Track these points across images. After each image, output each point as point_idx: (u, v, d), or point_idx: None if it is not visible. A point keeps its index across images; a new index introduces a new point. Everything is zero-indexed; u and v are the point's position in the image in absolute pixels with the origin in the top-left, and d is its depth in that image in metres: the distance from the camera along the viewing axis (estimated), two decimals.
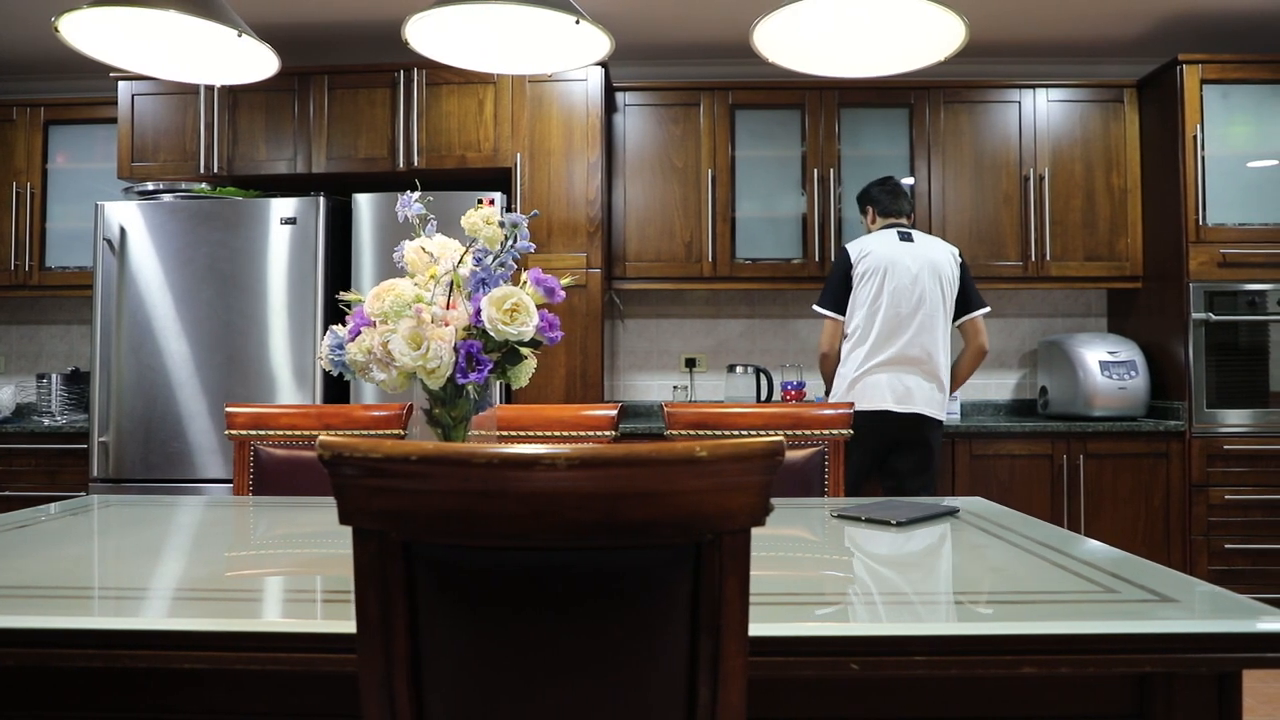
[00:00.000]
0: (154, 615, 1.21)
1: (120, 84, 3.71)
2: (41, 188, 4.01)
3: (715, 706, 0.97)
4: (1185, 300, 3.52)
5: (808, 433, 2.21)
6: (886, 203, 3.23)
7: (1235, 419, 3.52)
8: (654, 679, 0.99)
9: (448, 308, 1.58)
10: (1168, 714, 1.14)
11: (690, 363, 4.13)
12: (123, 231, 3.52)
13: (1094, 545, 1.56)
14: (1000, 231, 3.83)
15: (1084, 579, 1.31)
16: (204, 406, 3.48)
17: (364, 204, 3.50)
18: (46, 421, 3.88)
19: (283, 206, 3.48)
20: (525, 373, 1.64)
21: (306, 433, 2.36)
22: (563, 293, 1.64)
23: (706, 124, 3.81)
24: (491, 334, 1.49)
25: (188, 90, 3.69)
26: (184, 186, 3.68)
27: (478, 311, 1.50)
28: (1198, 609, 1.16)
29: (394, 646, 0.98)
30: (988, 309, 3.20)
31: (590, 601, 0.98)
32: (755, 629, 1.08)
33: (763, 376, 3.89)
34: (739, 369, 3.87)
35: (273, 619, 1.24)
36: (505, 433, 2.17)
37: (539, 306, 1.59)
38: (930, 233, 3.82)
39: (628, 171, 3.84)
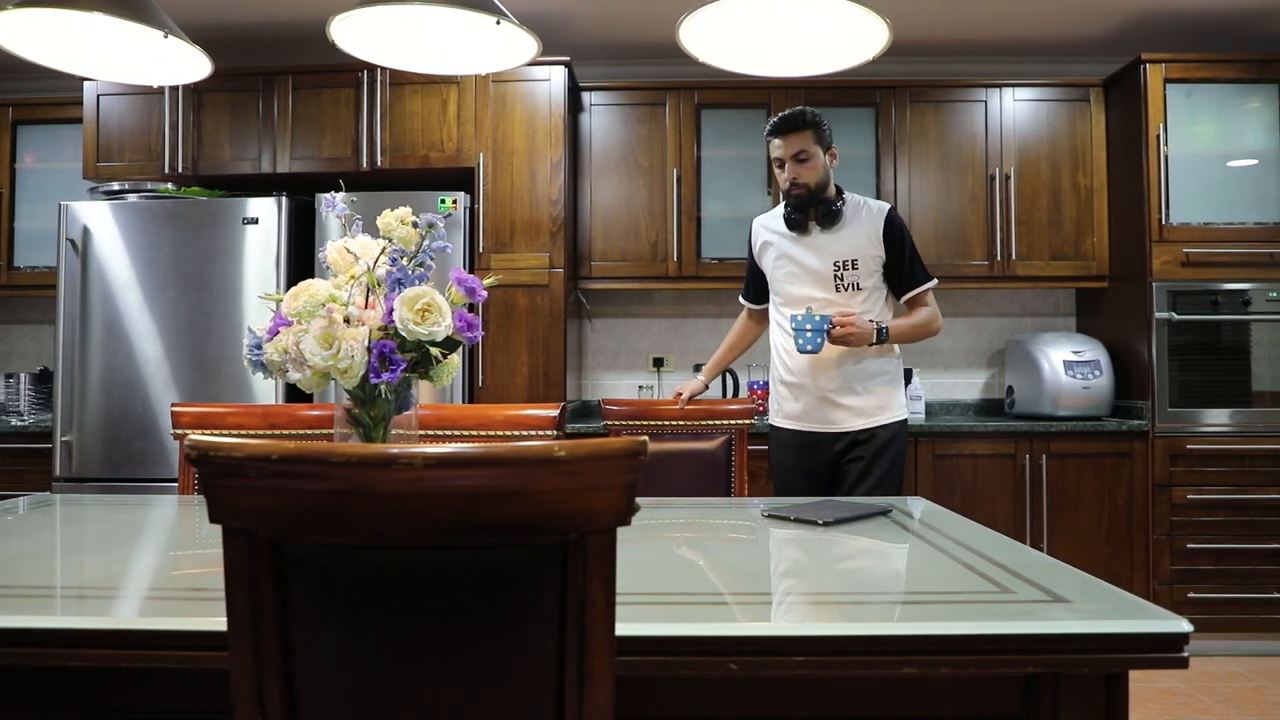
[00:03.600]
0: (94, 615, 1.20)
1: (85, 84, 3.71)
2: (10, 187, 4.01)
3: (582, 707, 0.97)
4: (1149, 300, 3.52)
5: (719, 423, 2.57)
6: None
7: (1198, 419, 3.51)
8: (523, 679, 0.99)
9: (366, 308, 1.58)
10: (1054, 714, 1.14)
11: (658, 362, 4.13)
12: (86, 231, 3.52)
13: (1011, 545, 1.56)
14: (966, 231, 3.83)
15: (986, 579, 1.31)
16: (168, 406, 3.47)
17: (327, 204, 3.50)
18: (14, 421, 3.88)
19: (245, 206, 3.48)
20: (446, 373, 1.64)
21: (253, 433, 2.36)
22: (484, 293, 1.63)
23: (672, 123, 3.81)
24: (403, 334, 1.48)
25: (153, 91, 3.69)
26: (149, 187, 3.68)
27: (390, 311, 1.49)
28: (1087, 609, 1.16)
29: (264, 645, 0.98)
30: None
31: (458, 601, 0.98)
32: (633, 628, 1.08)
33: (729, 376, 3.89)
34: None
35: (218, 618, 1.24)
36: (443, 432, 2.17)
37: (456, 306, 1.59)
38: None
39: (594, 171, 3.84)
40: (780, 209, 2.67)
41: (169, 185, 3.69)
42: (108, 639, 1.12)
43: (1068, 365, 3.62)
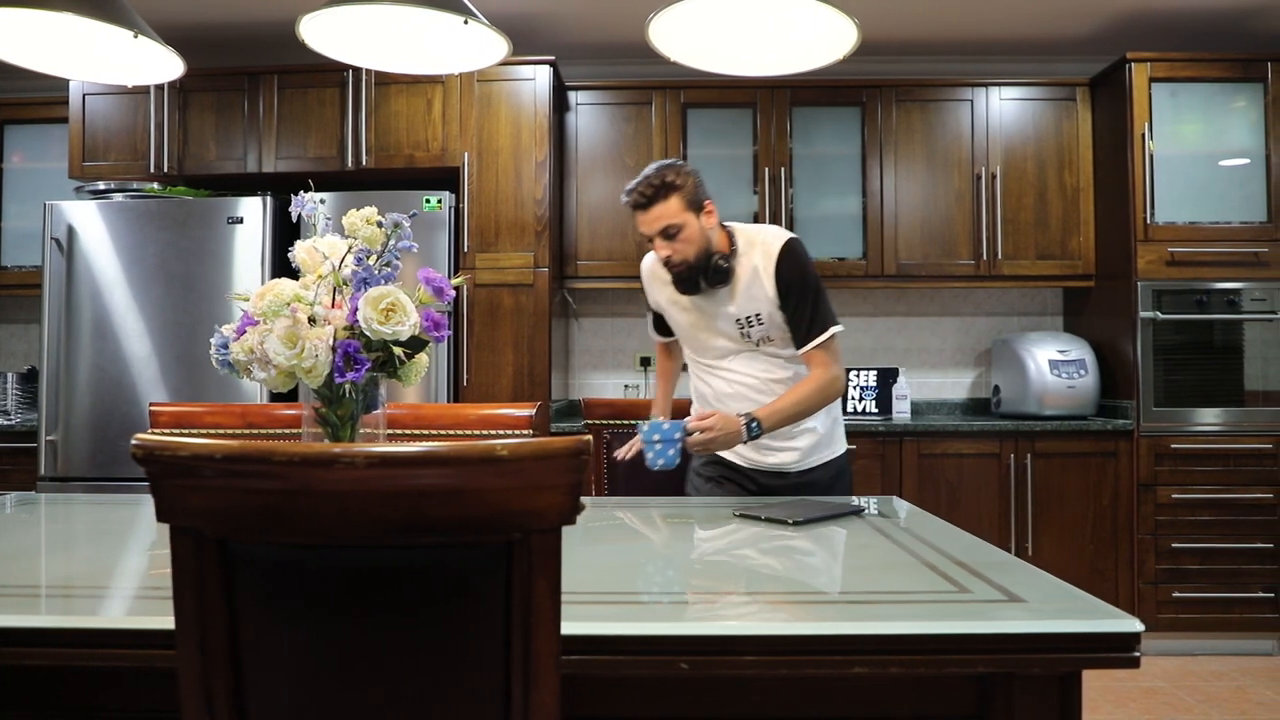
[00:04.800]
0: (80, 614, 1.20)
1: (71, 84, 3.71)
2: None
3: (528, 706, 0.97)
4: (1134, 299, 3.52)
5: None
6: None
7: (1184, 418, 3.51)
8: (470, 678, 0.99)
9: (333, 307, 1.57)
10: (1008, 714, 1.14)
11: (645, 361, 4.13)
12: (71, 231, 3.52)
13: (977, 544, 1.56)
14: (952, 231, 3.83)
15: (946, 579, 1.31)
16: None
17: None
18: (1, 421, 3.88)
19: (230, 206, 3.49)
20: (415, 372, 1.64)
21: (232, 431, 2.36)
22: (452, 292, 1.63)
23: (659, 122, 3.81)
24: (367, 334, 1.48)
25: (139, 91, 3.69)
26: (135, 186, 3.68)
27: (354, 311, 1.49)
28: (1041, 609, 1.16)
29: (211, 643, 0.99)
30: None
31: (405, 600, 0.99)
32: (583, 627, 1.09)
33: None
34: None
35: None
36: (419, 431, 2.17)
37: (424, 306, 1.59)
38: (882, 231, 3.83)
39: (580, 170, 3.84)
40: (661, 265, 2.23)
41: (155, 185, 3.69)
42: (92, 638, 1.12)
43: (1053, 365, 3.62)
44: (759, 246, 2.17)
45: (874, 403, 3.95)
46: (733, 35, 1.77)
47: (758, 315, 2.16)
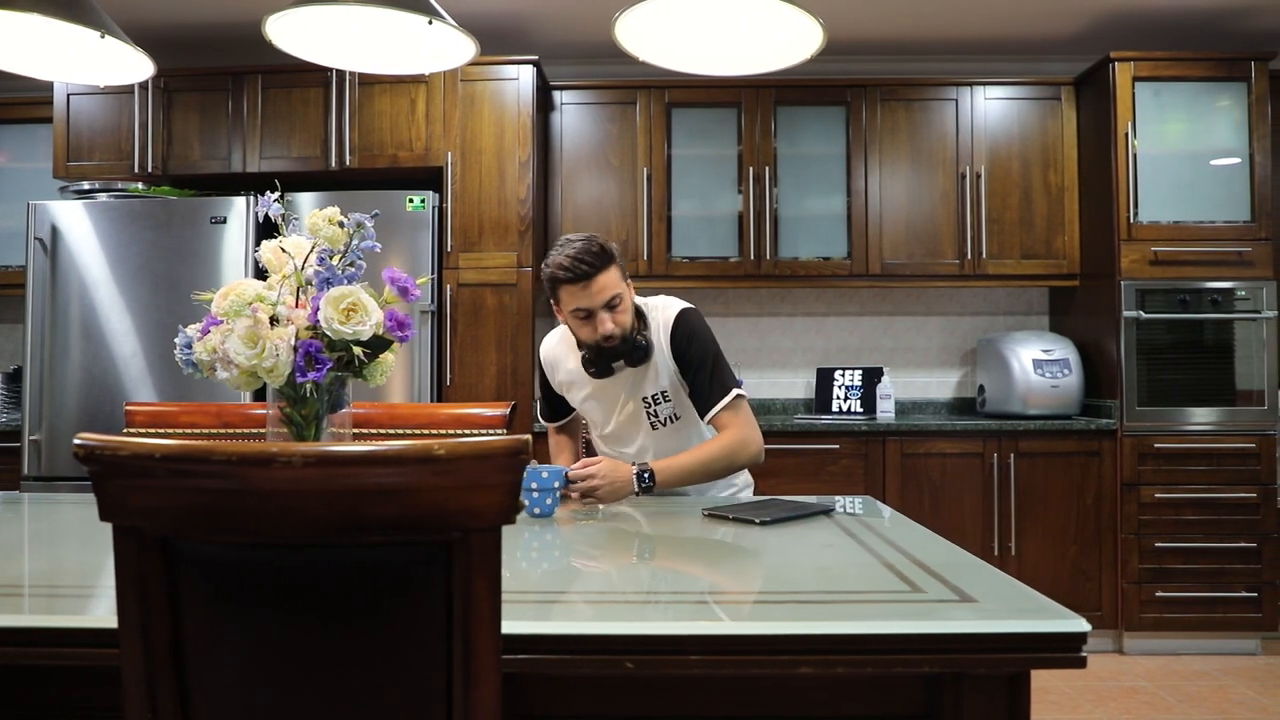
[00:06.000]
0: (44, 613, 1.20)
1: (55, 84, 3.71)
2: None
3: (469, 704, 0.98)
4: (1117, 298, 3.52)
5: None
6: None
7: (1167, 417, 3.51)
8: (412, 676, 0.99)
9: (297, 307, 1.57)
10: (956, 714, 1.14)
11: None
12: (55, 231, 3.52)
13: (940, 545, 1.55)
14: (937, 230, 3.83)
15: (902, 579, 1.31)
16: None
17: (293, 204, 3.50)
18: None
19: (213, 206, 3.49)
20: (380, 372, 1.64)
21: (207, 431, 2.36)
22: (417, 292, 1.63)
23: (643, 122, 3.81)
24: (328, 333, 1.48)
25: (123, 91, 3.69)
26: (120, 186, 3.68)
27: (315, 311, 1.50)
28: (990, 609, 1.15)
29: (154, 642, 0.99)
30: None
31: (347, 599, 0.99)
32: (530, 626, 1.09)
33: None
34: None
35: None
36: (393, 430, 2.17)
37: (389, 305, 1.59)
38: (867, 231, 3.83)
39: (565, 170, 3.84)
40: (567, 345, 2.22)
41: (139, 185, 3.69)
42: (76, 638, 1.12)
43: (1037, 364, 3.62)
44: (661, 314, 2.13)
45: (858, 402, 3.95)
46: (699, 34, 1.77)
47: (663, 392, 2.11)
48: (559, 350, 2.24)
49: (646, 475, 1.93)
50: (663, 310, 2.14)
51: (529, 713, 1.18)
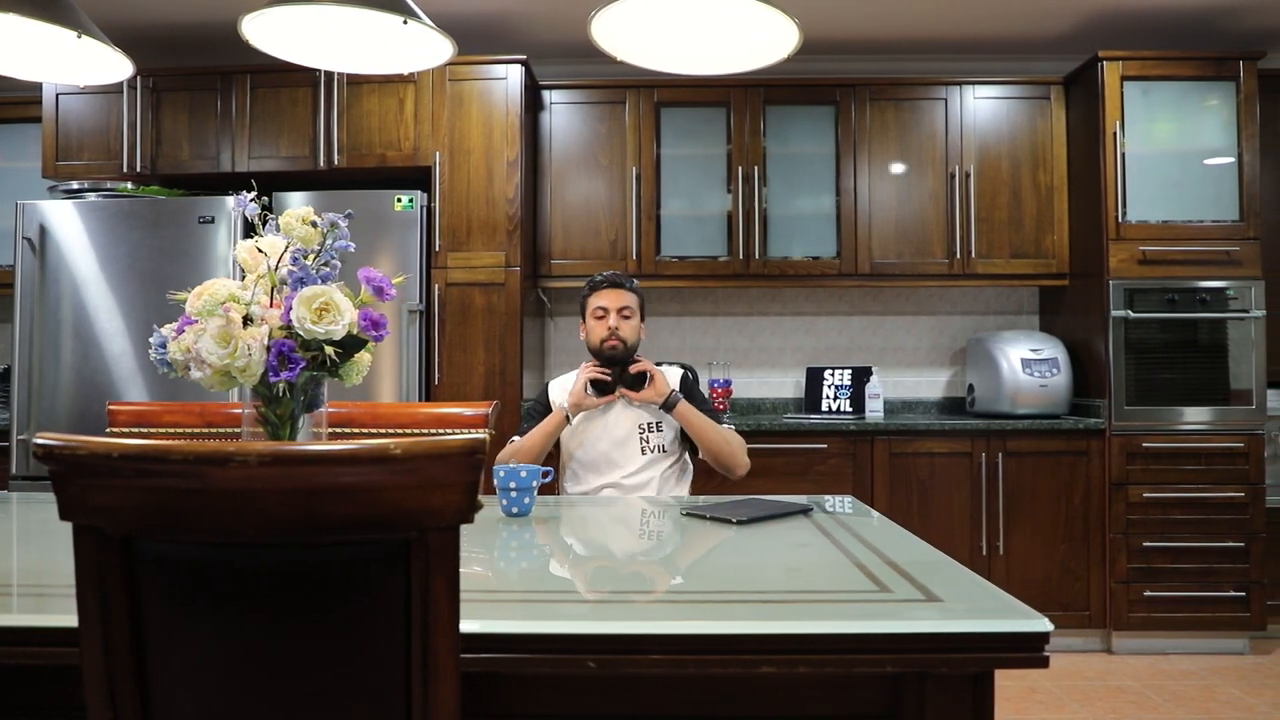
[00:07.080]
0: (33, 613, 1.20)
1: (44, 83, 3.71)
2: None
3: (428, 702, 0.98)
4: (1106, 298, 3.52)
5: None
6: None
7: (1155, 417, 3.51)
8: (372, 674, 0.99)
9: (271, 307, 1.57)
10: (919, 714, 1.14)
11: None
12: (43, 230, 3.52)
13: (914, 544, 1.56)
14: (926, 229, 3.83)
15: (870, 578, 1.31)
16: None
17: (282, 203, 3.50)
18: None
19: (201, 205, 3.49)
20: (356, 371, 1.64)
21: (191, 430, 2.37)
22: (393, 292, 1.63)
23: (632, 121, 3.81)
24: (301, 333, 1.48)
25: (112, 90, 3.68)
26: (109, 186, 3.68)
27: (288, 310, 1.49)
28: (954, 609, 1.16)
29: (114, 642, 0.99)
30: None
31: (306, 597, 0.99)
32: (492, 625, 1.09)
33: (689, 374, 3.88)
34: (663, 367, 3.87)
35: None
36: (375, 430, 2.17)
37: (364, 305, 1.59)
38: (856, 230, 3.83)
39: (554, 169, 3.84)
40: (579, 377, 2.51)
41: (128, 184, 3.69)
42: (65, 637, 1.11)
43: (1025, 364, 3.62)
44: (669, 371, 2.59)
45: (848, 402, 3.95)
46: (676, 33, 1.77)
47: (659, 423, 2.50)
48: (567, 380, 2.61)
49: (674, 396, 2.45)
50: (671, 369, 2.63)
51: (494, 712, 1.18)
